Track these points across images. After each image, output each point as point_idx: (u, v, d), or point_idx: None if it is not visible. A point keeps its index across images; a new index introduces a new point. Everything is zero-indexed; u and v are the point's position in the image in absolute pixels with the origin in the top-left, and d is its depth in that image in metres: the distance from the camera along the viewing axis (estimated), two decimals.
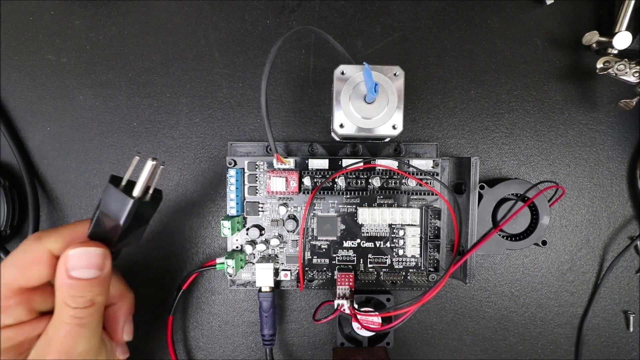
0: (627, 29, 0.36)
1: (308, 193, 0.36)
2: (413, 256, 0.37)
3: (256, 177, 0.37)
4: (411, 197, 0.37)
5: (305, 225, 0.37)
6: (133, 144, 0.38)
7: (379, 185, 0.36)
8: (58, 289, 0.24)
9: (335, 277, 0.36)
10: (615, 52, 0.36)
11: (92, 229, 0.26)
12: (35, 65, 0.37)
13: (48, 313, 0.27)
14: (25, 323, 0.25)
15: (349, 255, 0.38)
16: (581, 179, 0.40)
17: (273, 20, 0.38)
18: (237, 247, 0.37)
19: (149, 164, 0.25)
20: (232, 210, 0.36)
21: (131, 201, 0.24)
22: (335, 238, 0.37)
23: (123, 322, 0.30)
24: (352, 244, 0.37)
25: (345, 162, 0.35)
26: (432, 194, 0.37)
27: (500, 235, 0.38)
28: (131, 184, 0.26)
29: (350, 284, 0.35)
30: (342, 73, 0.30)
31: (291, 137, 0.38)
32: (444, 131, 0.39)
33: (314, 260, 0.37)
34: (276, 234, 0.37)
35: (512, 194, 0.38)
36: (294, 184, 0.35)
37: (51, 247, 0.25)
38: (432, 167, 0.36)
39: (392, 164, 0.35)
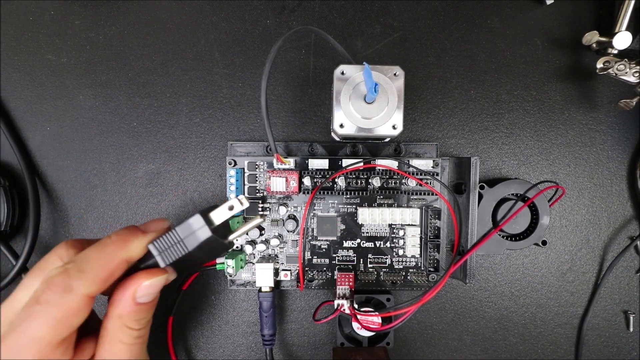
0: (627, 29, 0.36)
1: (308, 193, 0.36)
2: (413, 256, 0.37)
3: (256, 177, 0.37)
4: (411, 197, 0.37)
5: (305, 225, 0.37)
6: (133, 144, 0.38)
7: (379, 185, 0.36)
8: (120, 317, 0.24)
9: (335, 277, 0.36)
10: (615, 52, 0.36)
11: (171, 264, 0.25)
12: (35, 65, 0.37)
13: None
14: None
15: (349, 255, 0.38)
16: (581, 179, 0.40)
17: (273, 20, 0.38)
18: (237, 247, 0.37)
19: (258, 220, 0.26)
20: None
21: (227, 247, 0.25)
22: (335, 238, 0.37)
23: None
24: (352, 244, 0.37)
25: (345, 162, 0.35)
26: (432, 194, 0.37)
27: (500, 235, 0.38)
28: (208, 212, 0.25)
29: (350, 284, 0.35)
30: (342, 73, 0.30)
31: (291, 137, 0.38)
32: (444, 131, 0.39)
33: (314, 260, 0.37)
34: (276, 234, 0.37)
35: (512, 194, 0.38)
36: (294, 184, 0.35)
37: (88, 291, 0.23)
38: (432, 167, 0.36)
39: (392, 164, 0.35)
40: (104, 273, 0.23)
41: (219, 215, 0.24)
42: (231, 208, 0.25)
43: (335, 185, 0.36)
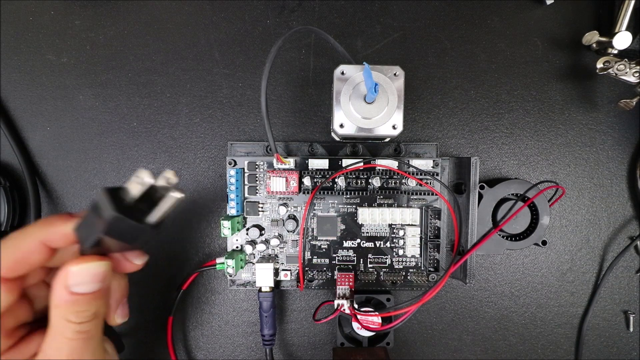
0: (627, 29, 0.36)
1: (308, 193, 0.36)
2: (413, 256, 0.37)
3: (256, 177, 0.37)
4: (411, 197, 0.37)
5: (305, 225, 0.37)
6: (133, 144, 0.38)
7: (379, 185, 0.36)
8: (57, 307, 0.23)
9: (335, 277, 0.36)
10: (615, 52, 0.36)
11: (92, 248, 0.22)
12: (35, 65, 0.37)
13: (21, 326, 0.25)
14: (8, 351, 0.24)
15: (349, 255, 0.38)
16: (581, 179, 0.40)
17: (273, 20, 0.38)
18: (237, 247, 0.37)
19: (174, 197, 0.22)
20: (232, 210, 0.36)
21: (150, 229, 0.22)
22: (335, 238, 0.37)
23: (115, 306, 0.27)
24: (352, 244, 0.37)
25: (345, 162, 0.35)
26: (432, 194, 0.37)
27: (500, 235, 0.38)
28: (121, 191, 0.22)
29: (350, 284, 0.35)
30: (342, 73, 0.30)
31: (291, 137, 0.38)
32: (444, 131, 0.39)
33: (314, 260, 0.37)
34: (276, 234, 0.37)
35: (512, 194, 0.38)
36: (294, 184, 0.35)
37: (1, 274, 0.22)
38: (432, 167, 0.36)
39: (392, 164, 0.35)
40: (16, 254, 0.23)
41: (129, 191, 0.22)
42: (140, 180, 0.21)
43: (335, 185, 0.36)
